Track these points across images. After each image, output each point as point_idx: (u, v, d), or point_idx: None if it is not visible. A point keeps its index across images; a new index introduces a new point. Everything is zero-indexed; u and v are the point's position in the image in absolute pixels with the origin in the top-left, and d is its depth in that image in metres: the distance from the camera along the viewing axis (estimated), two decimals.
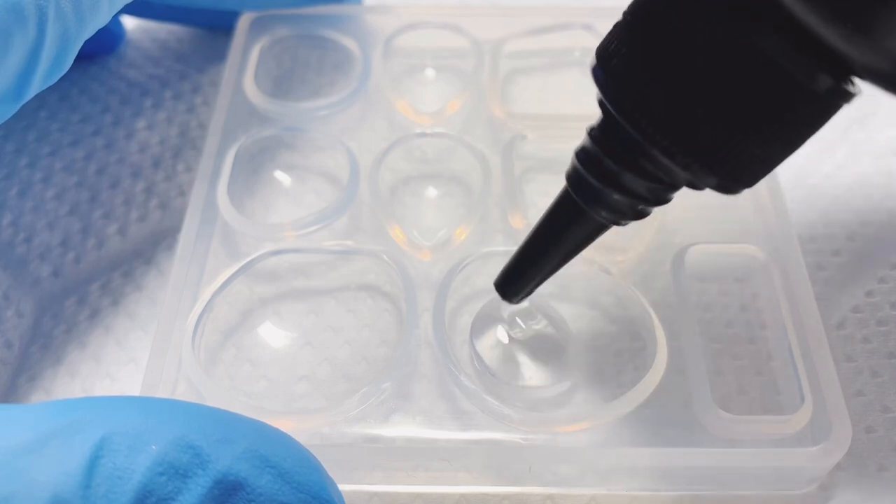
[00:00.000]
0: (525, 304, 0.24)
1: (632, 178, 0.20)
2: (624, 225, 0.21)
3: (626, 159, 0.19)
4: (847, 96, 0.18)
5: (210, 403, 0.23)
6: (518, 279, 0.23)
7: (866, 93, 0.18)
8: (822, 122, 0.18)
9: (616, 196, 0.20)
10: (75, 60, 0.34)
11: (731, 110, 0.17)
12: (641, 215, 0.21)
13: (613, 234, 0.27)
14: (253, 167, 0.30)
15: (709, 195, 0.28)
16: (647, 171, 0.19)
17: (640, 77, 0.18)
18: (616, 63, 0.19)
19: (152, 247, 0.29)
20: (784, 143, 0.18)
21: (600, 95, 0.19)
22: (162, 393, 0.23)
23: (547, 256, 0.22)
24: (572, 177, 0.21)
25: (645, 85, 0.18)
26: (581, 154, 0.20)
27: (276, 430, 0.18)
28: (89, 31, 0.23)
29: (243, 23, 0.33)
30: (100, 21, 0.23)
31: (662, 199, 0.20)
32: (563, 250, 0.22)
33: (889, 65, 0.15)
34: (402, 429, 0.23)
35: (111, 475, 0.15)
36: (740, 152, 0.18)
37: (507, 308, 0.25)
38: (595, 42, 0.20)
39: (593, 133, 0.20)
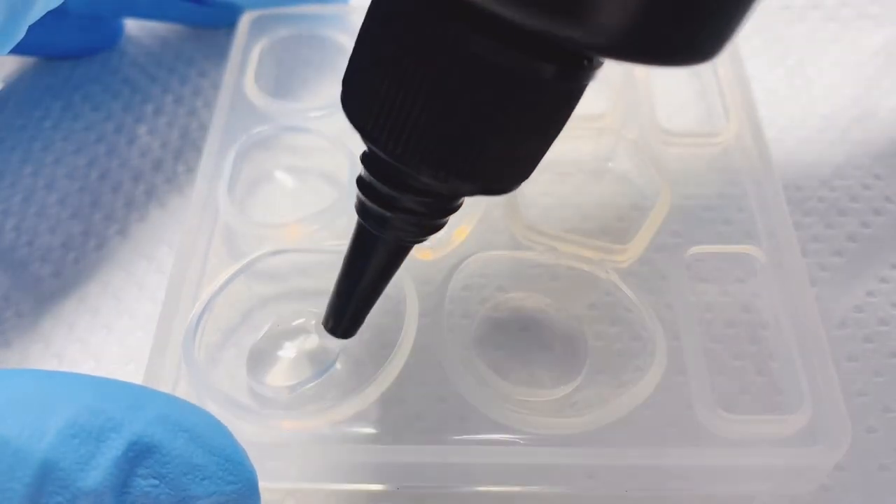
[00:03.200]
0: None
1: (405, 198, 0.19)
2: (422, 241, 0.21)
3: (391, 180, 0.19)
4: (581, 76, 0.17)
5: (210, 403, 0.23)
6: (343, 315, 0.22)
7: (866, 94, 0.18)
8: (567, 106, 0.18)
9: (399, 216, 0.19)
10: (77, 60, 0.35)
11: (467, 117, 0.17)
12: (436, 229, 0.20)
13: (614, 235, 0.28)
14: (253, 167, 0.30)
15: (709, 196, 0.28)
16: (415, 188, 0.19)
17: (371, 96, 0.17)
18: (351, 82, 0.18)
19: (152, 246, 0.29)
20: (536, 136, 0.18)
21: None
22: None
23: (362, 288, 0.21)
24: (357, 206, 0.20)
25: (380, 104, 0.17)
26: (358, 181, 0.20)
27: (185, 400, 0.18)
28: (40, 6, 0.22)
29: (243, 23, 0.33)
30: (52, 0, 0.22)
31: (446, 210, 0.20)
32: (374, 278, 0.21)
33: (603, 39, 0.15)
34: (402, 429, 0.23)
35: (20, 435, 0.15)
36: (491, 156, 0.18)
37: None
38: None
39: (362, 158, 0.19)
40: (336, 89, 0.19)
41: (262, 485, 0.18)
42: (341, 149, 0.29)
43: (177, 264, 0.26)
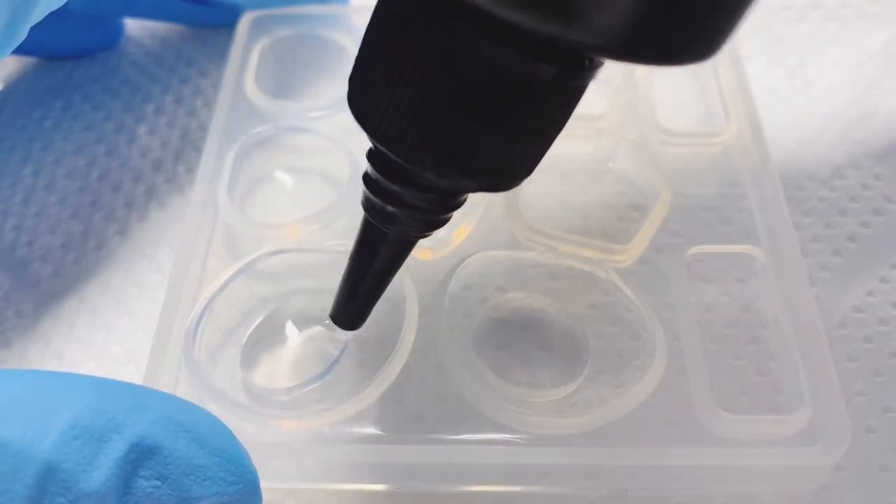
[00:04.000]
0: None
1: (410, 194, 0.19)
2: (428, 236, 0.21)
3: (396, 176, 0.19)
4: (582, 76, 0.17)
5: (210, 403, 0.23)
6: (351, 308, 0.22)
7: (866, 94, 0.18)
8: (568, 106, 0.18)
9: (404, 212, 0.20)
10: (77, 60, 0.35)
11: (469, 117, 0.17)
12: (440, 224, 0.20)
13: (614, 235, 0.28)
14: (253, 167, 0.30)
15: (709, 196, 0.28)
16: (419, 184, 0.19)
17: (377, 94, 0.18)
18: (358, 80, 0.19)
19: (152, 246, 0.29)
20: (537, 135, 0.18)
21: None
22: None
23: (369, 281, 0.22)
24: (364, 201, 0.20)
25: (385, 103, 0.18)
26: (364, 178, 0.20)
27: (187, 401, 0.18)
28: (42, 7, 0.22)
29: (243, 23, 0.33)
30: (54, 1, 0.22)
31: (450, 206, 0.20)
32: (380, 271, 0.22)
33: (602, 40, 0.15)
34: (402, 429, 0.23)
35: (22, 436, 0.15)
36: (493, 155, 0.18)
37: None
38: None
39: (368, 155, 0.20)
40: (336, 89, 0.19)
41: (263, 485, 0.18)
42: (341, 149, 0.29)
43: (177, 264, 0.26)
